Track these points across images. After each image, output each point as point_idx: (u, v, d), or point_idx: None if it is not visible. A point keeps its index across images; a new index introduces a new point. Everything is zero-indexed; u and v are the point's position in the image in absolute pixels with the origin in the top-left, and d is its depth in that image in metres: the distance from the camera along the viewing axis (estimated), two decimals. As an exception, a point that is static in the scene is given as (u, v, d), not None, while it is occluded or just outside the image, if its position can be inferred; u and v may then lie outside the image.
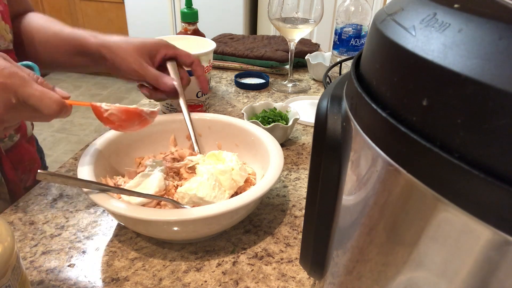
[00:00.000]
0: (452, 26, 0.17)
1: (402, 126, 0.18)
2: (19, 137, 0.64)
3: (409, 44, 0.18)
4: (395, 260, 0.21)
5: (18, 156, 0.64)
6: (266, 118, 0.69)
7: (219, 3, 2.37)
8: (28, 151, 0.67)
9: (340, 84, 0.27)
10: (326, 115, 0.25)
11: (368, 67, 0.22)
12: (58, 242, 0.48)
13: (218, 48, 1.07)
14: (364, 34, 0.84)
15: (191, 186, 0.48)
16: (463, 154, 0.16)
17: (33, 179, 0.67)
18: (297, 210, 0.55)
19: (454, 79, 0.16)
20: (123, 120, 0.48)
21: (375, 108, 0.19)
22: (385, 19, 0.21)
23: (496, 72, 0.15)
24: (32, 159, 0.69)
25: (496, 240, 0.16)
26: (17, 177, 0.63)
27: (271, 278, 0.44)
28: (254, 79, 0.98)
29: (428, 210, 0.18)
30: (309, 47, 1.11)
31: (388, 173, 0.20)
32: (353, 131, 0.22)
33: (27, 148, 0.67)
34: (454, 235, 0.17)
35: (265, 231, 0.51)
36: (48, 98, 0.43)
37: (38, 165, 0.70)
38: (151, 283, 0.43)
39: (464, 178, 0.15)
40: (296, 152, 0.69)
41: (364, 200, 0.23)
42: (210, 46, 0.79)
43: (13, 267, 0.32)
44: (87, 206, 0.54)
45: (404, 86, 0.18)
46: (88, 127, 2.56)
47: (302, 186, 0.60)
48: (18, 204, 0.54)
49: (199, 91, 0.79)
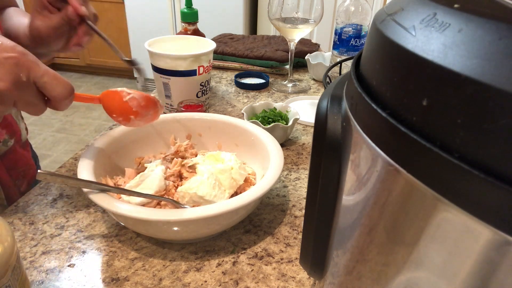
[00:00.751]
0: (452, 26, 0.17)
1: (402, 126, 0.18)
2: (13, 142, 0.64)
3: (409, 44, 0.18)
4: (395, 260, 0.21)
5: (12, 162, 0.63)
6: (266, 118, 0.69)
7: (219, 3, 2.37)
8: (22, 157, 0.67)
9: (340, 84, 0.27)
10: (326, 115, 0.25)
11: (368, 67, 0.22)
12: (58, 242, 0.48)
13: (218, 48, 1.07)
14: (364, 34, 0.84)
15: (191, 185, 0.48)
16: (463, 154, 0.16)
17: (27, 184, 0.67)
18: (297, 210, 0.55)
19: (454, 79, 0.16)
20: (141, 107, 0.48)
21: (375, 108, 0.19)
22: (385, 19, 0.21)
23: (496, 72, 0.15)
24: (27, 165, 0.68)
25: (496, 240, 0.16)
26: (12, 182, 0.63)
27: (271, 278, 0.44)
28: (254, 79, 0.98)
29: (428, 210, 0.18)
30: (309, 47, 1.11)
31: (388, 173, 0.20)
32: (353, 131, 0.22)
33: (22, 153, 0.67)
34: (454, 235, 0.17)
35: (265, 231, 0.51)
36: (61, 78, 0.43)
37: (33, 171, 0.70)
38: (151, 283, 0.43)
39: (464, 178, 0.15)
40: (296, 152, 0.69)
41: (364, 200, 0.23)
42: (210, 46, 0.80)
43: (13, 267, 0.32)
44: (87, 206, 0.54)
45: (404, 86, 0.18)
46: (88, 127, 2.56)
47: (302, 186, 0.60)
48: (18, 204, 0.54)
49: (199, 91, 0.79)
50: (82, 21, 0.58)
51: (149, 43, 0.78)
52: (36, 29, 0.58)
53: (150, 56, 0.77)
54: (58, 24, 0.58)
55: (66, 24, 0.58)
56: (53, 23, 0.58)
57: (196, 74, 0.77)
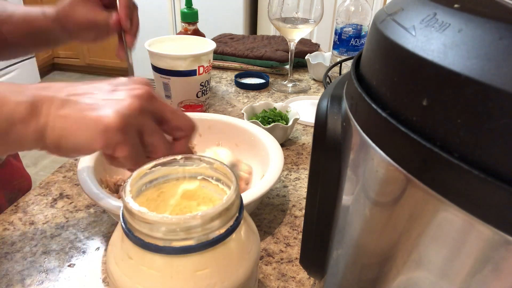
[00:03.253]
0: (452, 26, 0.17)
1: (402, 126, 0.18)
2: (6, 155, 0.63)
3: (409, 44, 0.18)
4: (395, 260, 0.21)
5: (8, 175, 0.62)
6: (266, 118, 0.69)
7: (219, 3, 2.38)
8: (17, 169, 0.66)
9: (340, 84, 0.27)
10: (326, 115, 0.25)
11: (368, 67, 0.22)
12: (58, 242, 0.48)
13: (218, 48, 1.07)
14: (364, 34, 0.84)
15: None
16: (463, 154, 0.16)
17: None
18: (297, 210, 0.55)
19: (454, 79, 0.16)
20: None
21: (375, 108, 0.19)
22: (385, 19, 0.21)
23: (496, 72, 0.15)
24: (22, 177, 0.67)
25: (496, 240, 0.16)
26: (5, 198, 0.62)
27: (271, 278, 0.44)
28: (254, 79, 0.98)
29: (428, 210, 0.18)
30: (309, 47, 1.11)
31: (388, 173, 0.20)
32: (353, 131, 0.22)
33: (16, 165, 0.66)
34: (454, 235, 0.17)
35: (265, 231, 0.51)
36: (184, 114, 0.39)
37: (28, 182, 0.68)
38: (151, 283, 0.43)
39: (464, 178, 0.15)
40: (296, 152, 0.69)
41: (364, 200, 0.23)
42: (210, 46, 0.80)
43: None
44: (87, 206, 0.54)
45: (404, 86, 0.18)
46: (88, 127, 2.56)
47: (302, 186, 0.60)
48: (18, 204, 0.54)
49: (199, 91, 0.79)
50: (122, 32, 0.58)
51: (149, 43, 0.78)
52: (76, 17, 0.57)
53: (150, 56, 0.77)
54: (99, 21, 0.57)
55: (106, 25, 0.57)
56: (95, 18, 0.57)
57: (196, 74, 0.77)
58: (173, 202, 0.32)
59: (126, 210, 0.25)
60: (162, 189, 0.32)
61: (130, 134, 0.34)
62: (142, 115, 0.34)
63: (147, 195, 0.31)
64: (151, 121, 0.35)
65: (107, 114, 0.32)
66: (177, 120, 0.38)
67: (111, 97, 0.34)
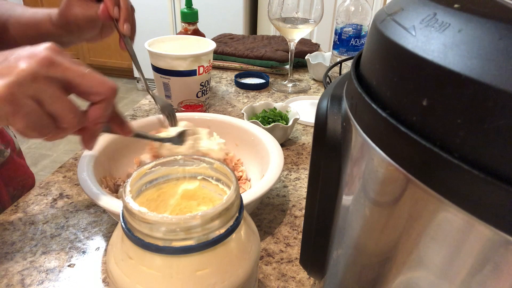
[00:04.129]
0: (452, 26, 0.17)
1: (402, 126, 0.18)
2: (9, 152, 0.62)
3: (409, 44, 0.18)
4: (395, 260, 0.21)
5: (11, 172, 0.62)
6: (266, 118, 0.69)
7: (219, 3, 2.37)
8: (20, 166, 0.66)
9: (340, 84, 0.27)
10: (326, 115, 0.25)
11: (368, 67, 0.22)
12: (58, 242, 0.48)
13: (218, 48, 1.07)
14: (364, 34, 0.84)
15: None
16: (463, 154, 0.16)
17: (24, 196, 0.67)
18: (297, 210, 0.55)
19: (454, 79, 0.16)
20: None
21: (375, 108, 0.19)
22: (385, 19, 0.21)
23: (496, 72, 0.15)
24: (25, 174, 0.67)
25: (496, 240, 0.16)
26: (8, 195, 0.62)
27: (271, 278, 0.44)
28: (254, 79, 0.98)
29: (428, 210, 0.18)
30: (309, 47, 1.11)
31: (388, 173, 0.20)
32: (353, 131, 0.22)
33: (19, 162, 0.66)
34: (454, 235, 0.17)
35: (265, 231, 0.51)
36: (100, 76, 0.36)
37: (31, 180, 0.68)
38: (151, 283, 0.43)
39: (464, 178, 0.15)
40: (296, 152, 0.69)
41: (364, 200, 0.23)
42: (210, 46, 0.80)
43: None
44: (87, 206, 0.54)
45: (404, 86, 0.18)
46: (88, 127, 2.56)
47: (302, 186, 0.60)
48: (18, 204, 0.54)
49: (199, 91, 0.79)
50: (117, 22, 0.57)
51: (149, 43, 0.78)
52: (73, 16, 0.57)
53: (150, 56, 0.77)
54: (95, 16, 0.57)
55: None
56: (92, 13, 0.57)
57: (196, 74, 0.77)
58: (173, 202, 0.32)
59: (126, 210, 0.25)
60: (162, 189, 0.32)
61: (23, 103, 0.32)
62: (37, 82, 0.32)
63: (147, 195, 0.31)
64: (52, 88, 0.33)
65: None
66: (88, 85, 0.35)
67: (1, 66, 0.32)
